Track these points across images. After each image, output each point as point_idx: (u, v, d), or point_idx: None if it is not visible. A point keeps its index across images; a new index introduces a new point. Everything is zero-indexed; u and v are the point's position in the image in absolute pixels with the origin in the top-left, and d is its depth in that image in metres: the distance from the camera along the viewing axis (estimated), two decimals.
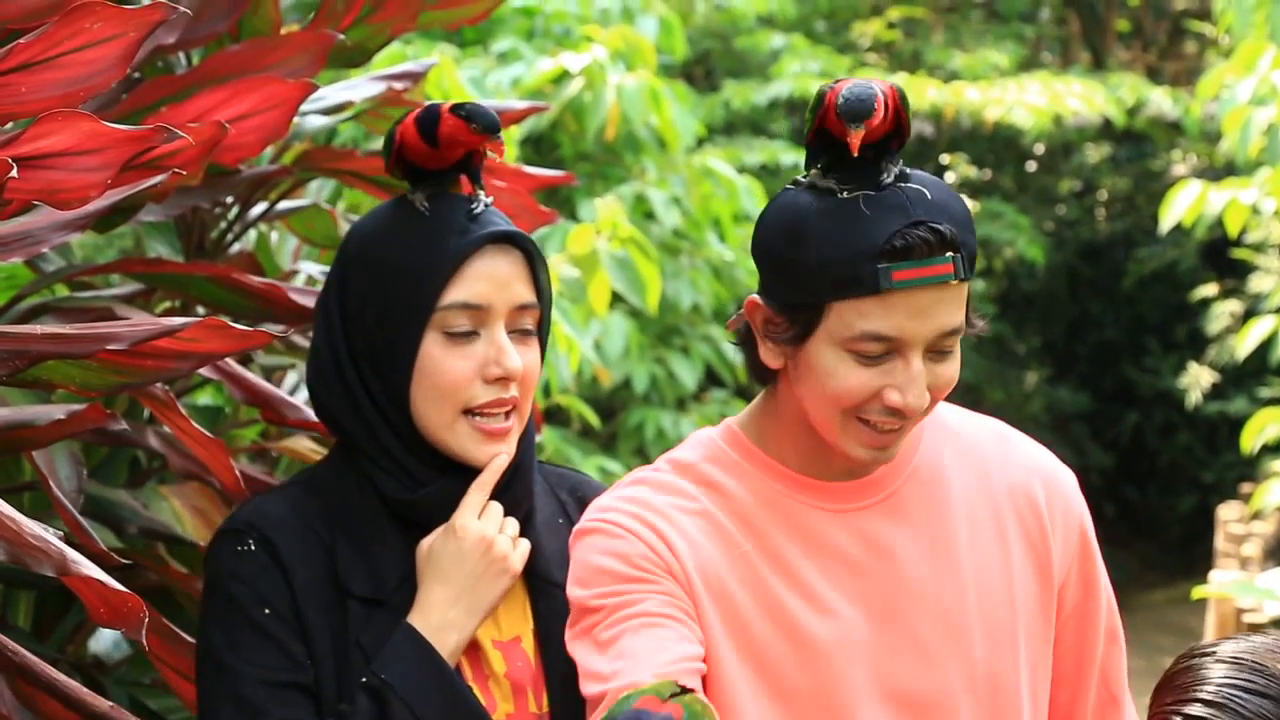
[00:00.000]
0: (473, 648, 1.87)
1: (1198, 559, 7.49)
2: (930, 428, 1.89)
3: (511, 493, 1.93)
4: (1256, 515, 6.85)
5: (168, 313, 2.31)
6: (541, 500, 1.98)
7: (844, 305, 1.72)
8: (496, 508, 1.90)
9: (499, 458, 1.89)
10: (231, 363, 2.08)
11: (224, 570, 1.85)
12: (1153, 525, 10.95)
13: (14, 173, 1.32)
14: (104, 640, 2.37)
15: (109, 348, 1.54)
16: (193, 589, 2.05)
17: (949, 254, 1.71)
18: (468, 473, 1.90)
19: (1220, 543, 6.51)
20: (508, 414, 1.89)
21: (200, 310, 2.24)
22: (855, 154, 1.69)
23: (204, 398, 2.83)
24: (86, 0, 1.52)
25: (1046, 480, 1.91)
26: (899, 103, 1.75)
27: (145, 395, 1.93)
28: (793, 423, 1.84)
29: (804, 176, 1.79)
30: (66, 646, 2.25)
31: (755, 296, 1.79)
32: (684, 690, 1.60)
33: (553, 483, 2.02)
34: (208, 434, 1.89)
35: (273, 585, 1.83)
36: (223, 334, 1.62)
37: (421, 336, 1.86)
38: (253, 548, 1.84)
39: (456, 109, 1.87)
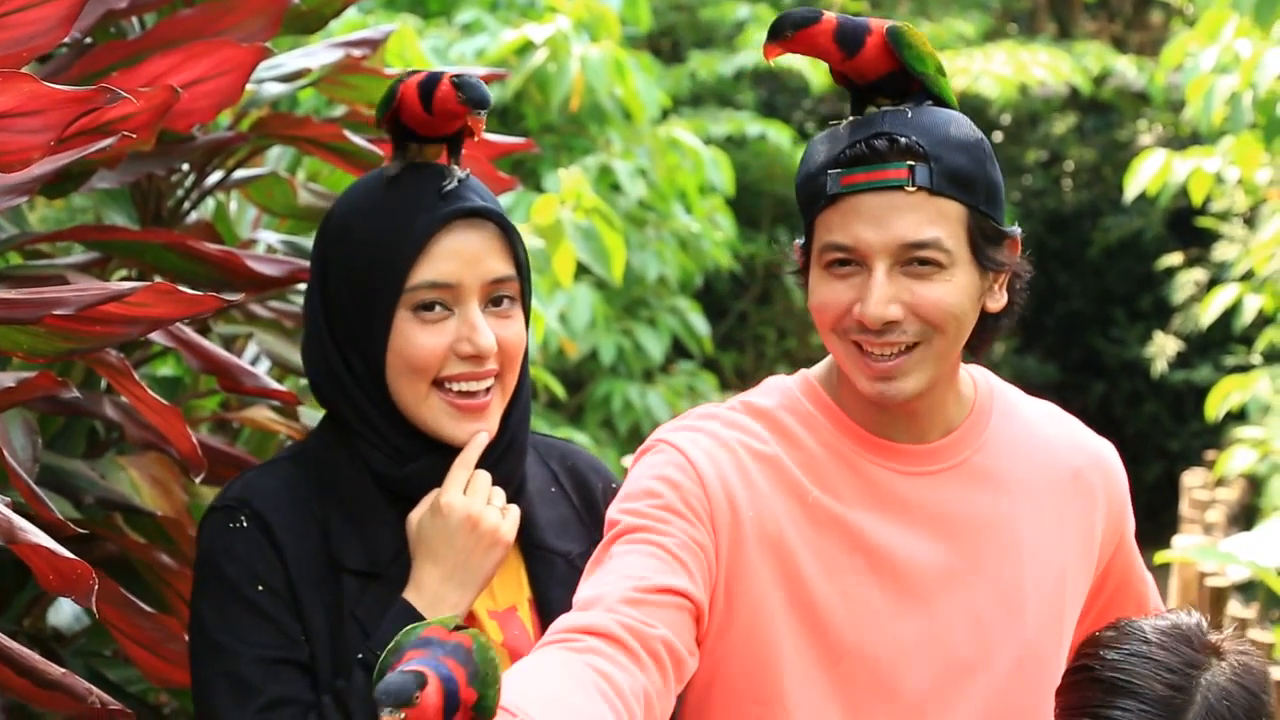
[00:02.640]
0: (468, 620, 1.86)
1: (1164, 527, 7.53)
2: (1001, 406, 1.89)
3: (503, 467, 1.91)
4: (1220, 482, 6.89)
5: (123, 281, 2.29)
6: (532, 469, 1.97)
7: (818, 222, 1.74)
8: (483, 478, 1.88)
9: (479, 435, 1.87)
10: (189, 331, 2.06)
11: (217, 547, 1.83)
12: None
13: None
14: (64, 613, 2.35)
15: (56, 312, 1.52)
16: (151, 559, 2.03)
17: (908, 162, 1.69)
18: (455, 448, 1.88)
19: (1185, 509, 6.54)
20: (487, 389, 1.87)
21: (157, 279, 2.22)
22: (768, 60, 1.77)
23: (164, 368, 2.81)
24: None
25: (1104, 468, 1.92)
26: (888, 40, 1.75)
27: (101, 364, 1.91)
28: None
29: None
30: (24, 619, 2.23)
31: (797, 241, 1.82)
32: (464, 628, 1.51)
33: (542, 452, 2.01)
34: (164, 402, 1.88)
35: (266, 561, 1.81)
36: (172, 299, 1.60)
37: (393, 315, 1.84)
38: (245, 524, 1.82)
39: (454, 78, 1.85)
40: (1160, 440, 10.51)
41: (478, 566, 1.84)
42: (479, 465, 1.88)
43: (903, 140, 1.70)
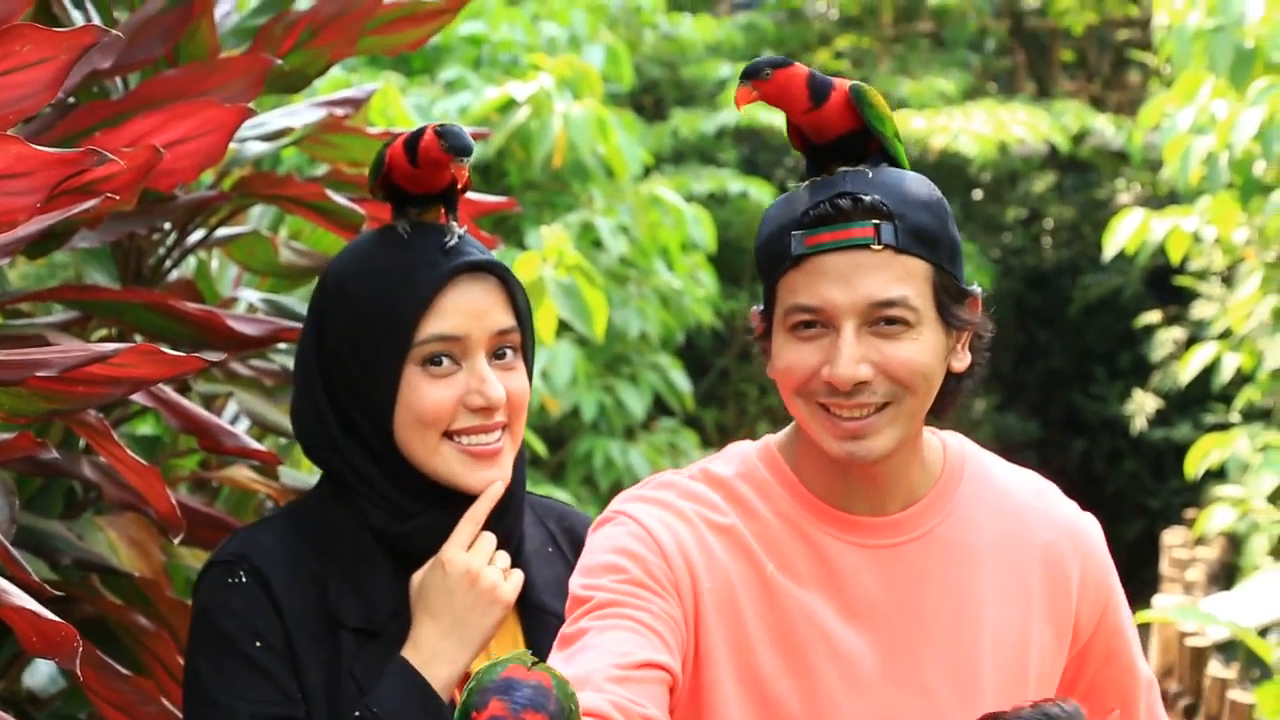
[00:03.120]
0: (465, 679, 1.85)
1: (1144, 585, 7.53)
2: (971, 474, 1.84)
3: (505, 523, 1.92)
4: (1200, 540, 6.90)
5: (103, 340, 2.28)
6: (530, 529, 1.98)
7: (781, 285, 1.72)
8: (488, 539, 1.89)
9: (495, 485, 1.88)
10: (168, 390, 2.06)
11: (215, 602, 1.83)
12: None
13: None
14: (39, 675, 2.33)
15: (39, 374, 1.53)
16: (128, 621, 2.02)
17: (872, 220, 1.68)
18: (458, 504, 1.89)
19: (1165, 568, 6.54)
20: (498, 439, 1.89)
21: (137, 338, 2.22)
22: (738, 108, 1.81)
23: (144, 427, 2.80)
24: (16, 24, 1.51)
25: (1079, 541, 1.85)
26: (852, 98, 1.75)
27: (80, 424, 1.90)
28: (810, 441, 1.79)
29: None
30: (0, 680, 2.21)
31: (755, 309, 1.80)
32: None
33: (539, 512, 2.02)
34: (143, 462, 1.87)
35: (264, 617, 1.81)
36: (154, 359, 1.60)
37: (401, 369, 1.86)
38: (244, 579, 1.83)
39: (438, 127, 1.88)
40: (1140, 498, 10.51)
41: (476, 624, 1.85)
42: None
43: (867, 199, 1.69)
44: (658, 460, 6.30)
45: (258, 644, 1.79)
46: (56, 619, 1.41)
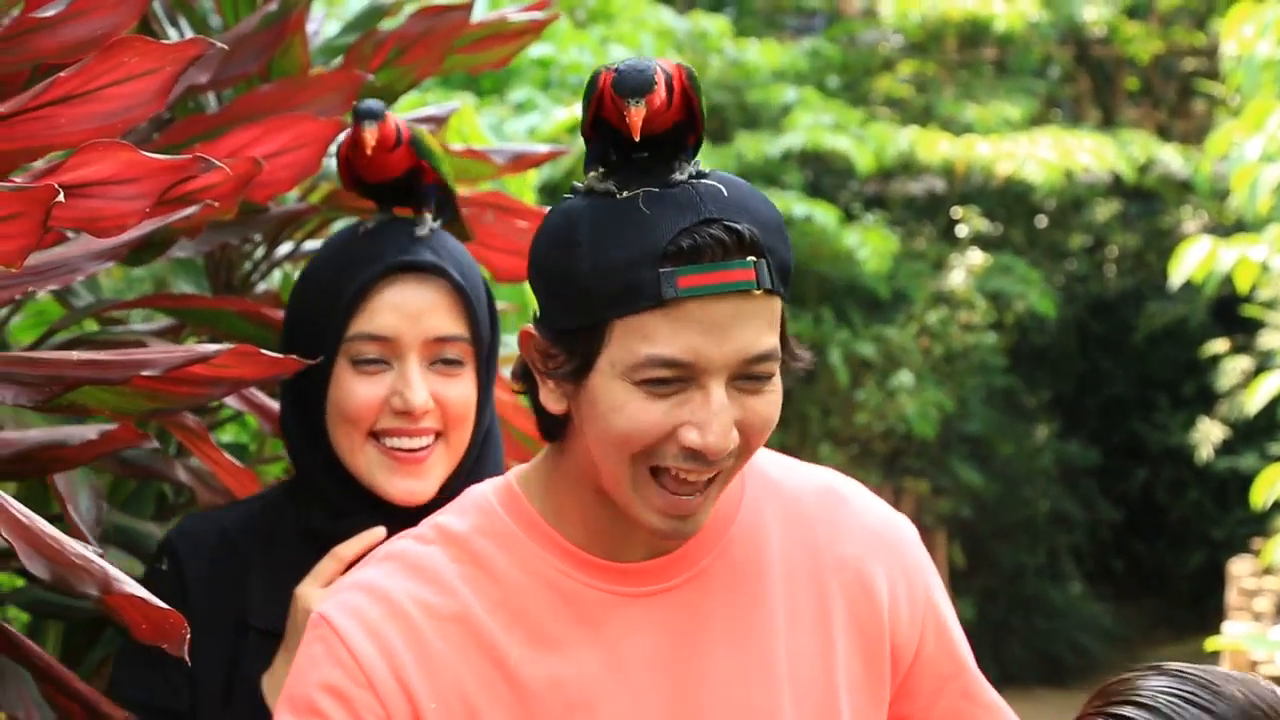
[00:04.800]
0: None
1: (1207, 615, 7.48)
2: (751, 484, 1.59)
3: None
4: (1268, 570, 6.85)
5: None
6: None
7: (626, 324, 1.42)
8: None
9: (374, 530, 1.80)
10: (262, 396, 2.11)
11: (144, 582, 1.84)
12: (1161, 581, 10.92)
13: (60, 198, 1.36)
14: None
15: (143, 373, 1.57)
16: None
17: (749, 258, 1.41)
18: (393, 509, 1.84)
19: (1232, 597, 6.50)
20: (425, 446, 1.84)
21: (227, 345, 2.27)
22: (636, 136, 1.41)
23: (227, 435, 2.86)
24: (125, 36, 1.56)
25: (882, 549, 1.61)
26: (688, 85, 1.48)
27: (178, 426, 1.96)
28: (582, 487, 1.52)
29: (582, 182, 1.51)
30: (92, 680, 2.26)
31: (529, 326, 1.49)
32: None
33: None
34: (239, 465, 1.92)
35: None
36: (253, 361, 1.65)
37: (333, 365, 1.85)
38: (164, 567, 1.86)
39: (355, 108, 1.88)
40: (1203, 528, 10.44)
41: None
42: None
43: (743, 231, 1.42)
44: None
45: None
46: (165, 606, 1.46)
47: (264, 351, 1.66)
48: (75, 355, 1.64)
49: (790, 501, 1.60)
